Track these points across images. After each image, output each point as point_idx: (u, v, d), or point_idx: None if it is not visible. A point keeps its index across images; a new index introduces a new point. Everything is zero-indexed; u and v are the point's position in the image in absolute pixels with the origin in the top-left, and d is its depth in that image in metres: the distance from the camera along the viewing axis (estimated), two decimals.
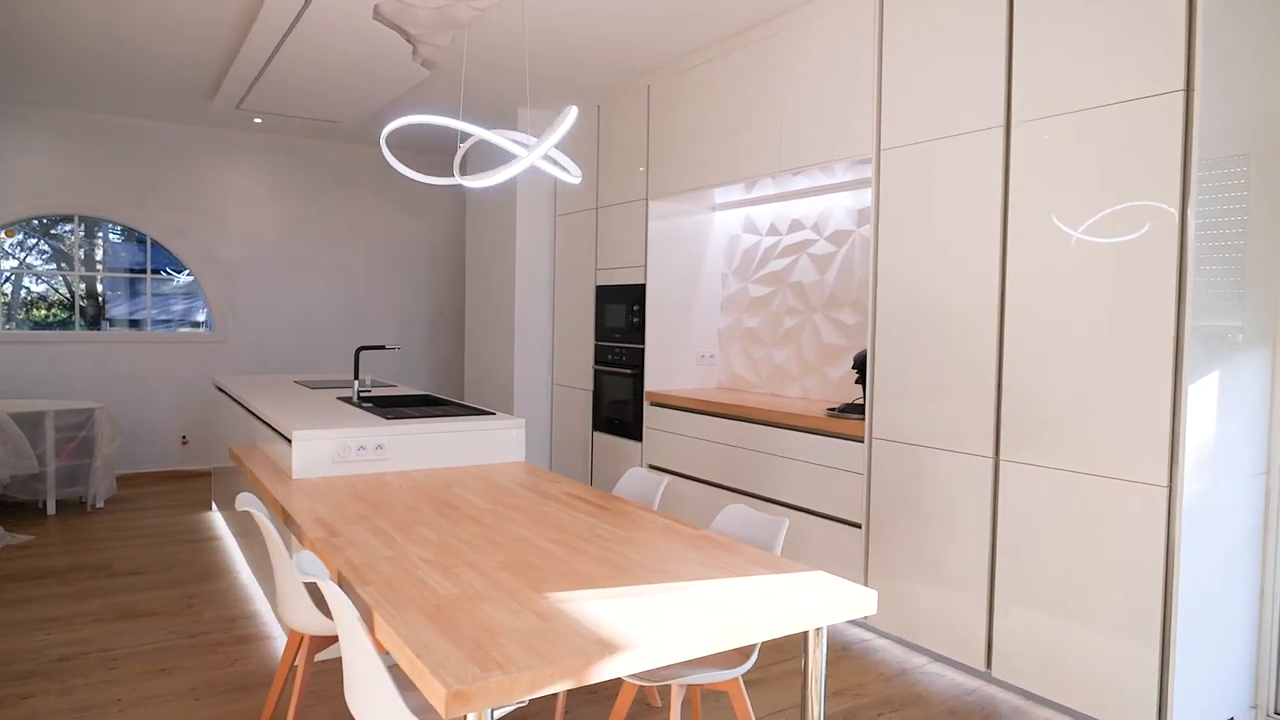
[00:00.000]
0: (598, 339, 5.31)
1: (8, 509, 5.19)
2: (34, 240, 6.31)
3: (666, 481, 2.79)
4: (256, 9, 3.88)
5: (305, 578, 1.71)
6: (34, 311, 6.36)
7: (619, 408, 5.10)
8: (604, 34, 4.19)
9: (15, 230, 6.14)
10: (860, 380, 3.52)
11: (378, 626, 1.59)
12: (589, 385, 5.41)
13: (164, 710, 2.69)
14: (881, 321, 3.37)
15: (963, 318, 3.04)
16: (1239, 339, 2.59)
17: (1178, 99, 2.40)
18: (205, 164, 6.54)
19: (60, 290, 6.48)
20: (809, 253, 4.37)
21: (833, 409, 3.71)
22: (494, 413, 3.49)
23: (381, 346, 4.12)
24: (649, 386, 4.83)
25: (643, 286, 4.85)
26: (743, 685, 2.07)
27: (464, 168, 3.13)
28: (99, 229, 6.46)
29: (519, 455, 3.37)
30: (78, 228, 6.35)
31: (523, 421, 3.38)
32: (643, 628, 1.56)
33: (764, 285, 4.68)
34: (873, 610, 1.79)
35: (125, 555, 4.40)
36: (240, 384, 4.75)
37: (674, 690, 2.01)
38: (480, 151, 5.88)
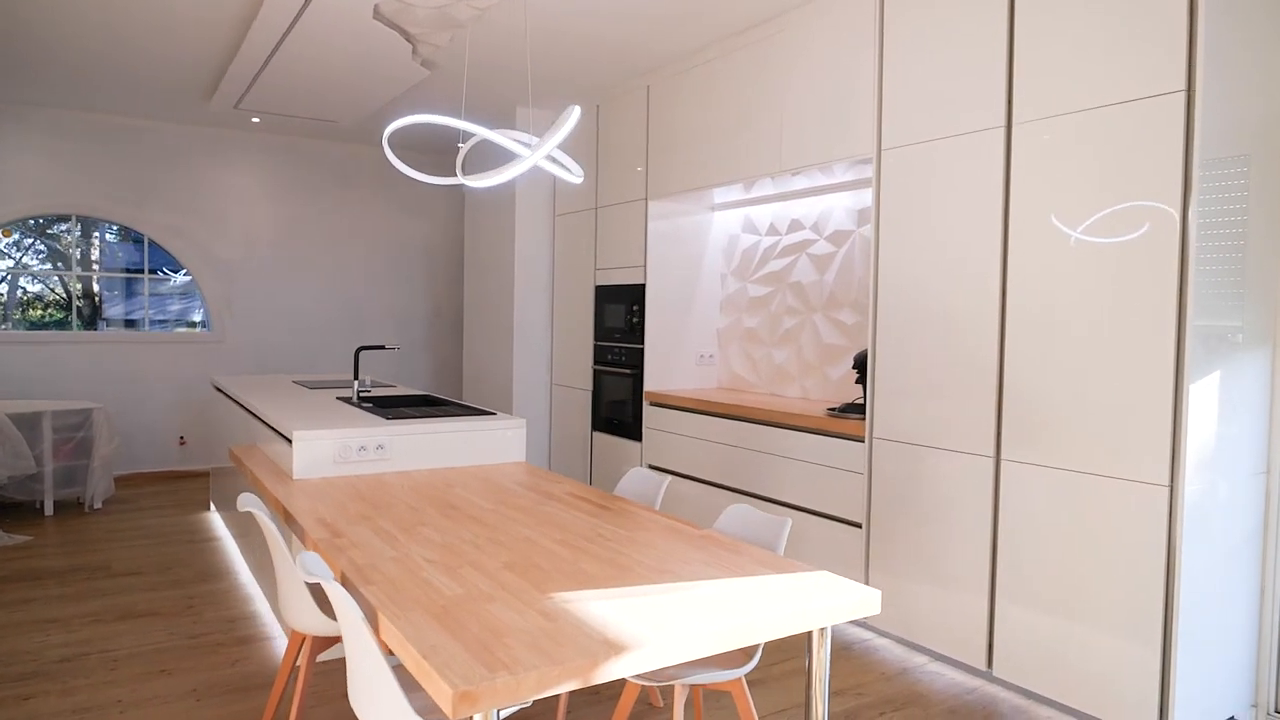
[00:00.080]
0: (597, 339, 5.31)
1: (5, 510, 5.18)
2: (30, 240, 6.29)
3: (668, 482, 2.78)
4: (256, 8, 3.87)
5: (309, 578, 1.71)
6: (30, 311, 6.34)
7: (618, 408, 5.09)
8: (604, 34, 4.19)
9: (12, 230, 6.12)
10: (861, 380, 3.52)
11: (383, 627, 1.59)
12: (588, 385, 5.41)
13: (165, 711, 2.69)
14: (882, 321, 3.37)
15: (963, 317, 3.04)
16: (1239, 339, 2.60)
17: (1179, 99, 2.41)
18: (204, 164, 6.53)
19: (56, 290, 6.46)
20: (808, 253, 4.37)
21: (833, 409, 3.72)
22: (494, 413, 3.49)
23: (381, 346, 4.11)
24: (648, 386, 4.83)
25: (642, 286, 4.85)
26: (745, 685, 2.07)
27: (463, 168, 3.12)
28: (95, 228, 6.44)
29: (519, 455, 3.37)
30: (74, 227, 6.33)
31: (523, 422, 3.38)
32: (648, 628, 1.56)
33: (763, 285, 4.68)
34: (877, 610, 1.79)
35: (124, 556, 4.39)
36: (239, 384, 4.74)
37: (677, 690, 2.01)
38: (479, 151, 5.86)
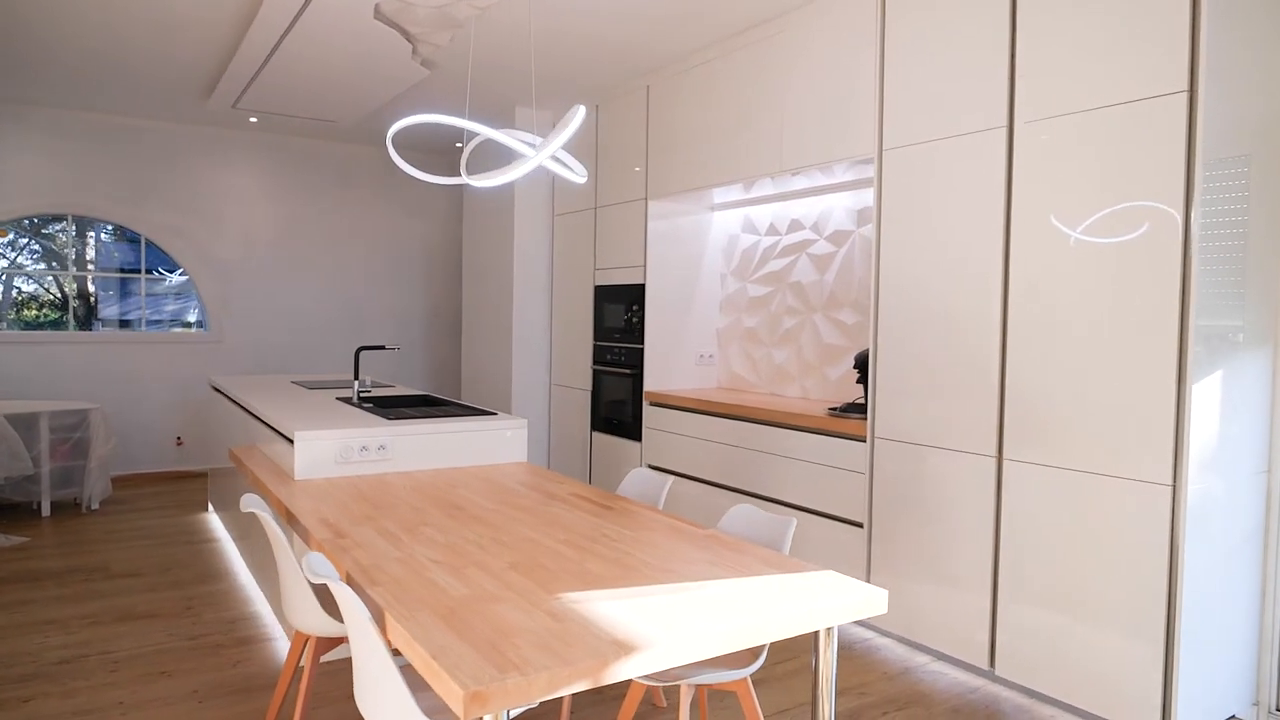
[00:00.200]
0: (596, 339, 5.31)
1: (2, 511, 5.16)
2: (25, 240, 6.26)
3: (671, 482, 2.78)
4: (256, 7, 3.86)
5: (316, 579, 1.70)
6: (24, 312, 6.32)
7: (618, 408, 5.09)
8: (604, 34, 4.19)
9: (7, 229, 6.10)
10: (862, 380, 3.52)
11: (390, 628, 1.58)
12: (587, 385, 5.41)
13: (167, 713, 2.68)
14: (884, 321, 3.38)
15: (965, 317, 3.05)
16: (1240, 338, 2.61)
17: (1181, 100, 2.42)
18: (202, 164, 6.51)
19: (51, 290, 6.43)
20: (808, 253, 4.38)
21: (834, 408, 3.72)
22: (496, 413, 3.48)
23: (381, 347, 4.10)
24: (648, 386, 4.83)
25: (642, 286, 4.85)
26: (751, 685, 2.07)
27: (465, 167, 3.12)
28: (90, 228, 6.41)
29: (521, 455, 3.36)
30: (69, 227, 6.31)
31: (525, 422, 3.38)
32: (656, 628, 1.55)
33: (763, 285, 4.68)
34: (883, 609, 1.79)
35: (122, 557, 4.37)
36: (237, 384, 4.72)
37: (684, 690, 2.01)
38: (479, 151, 5.84)
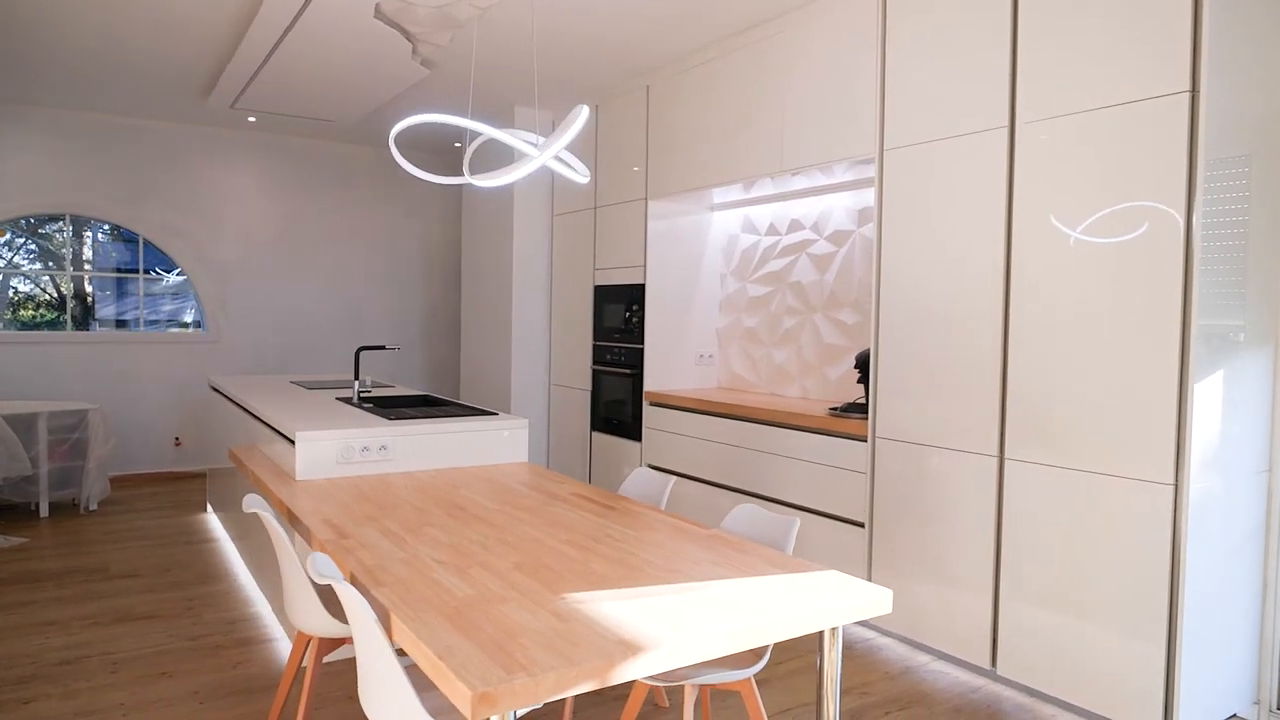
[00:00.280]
0: (596, 339, 5.31)
1: (0, 512, 5.14)
2: (22, 239, 6.25)
3: (673, 482, 2.78)
4: (256, 7, 3.86)
5: (321, 580, 1.70)
6: (21, 312, 6.30)
7: (617, 408, 5.09)
8: (604, 34, 4.18)
9: (4, 229, 6.08)
10: (863, 379, 3.53)
11: (396, 628, 1.58)
12: (587, 385, 5.41)
13: (167, 714, 2.67)
14: (884, 320, 3.38)
15: (966, 317, 3.05)
16: (1240, 338, 2.61)
17: (1183, 100, 2.42)
18: (201, 163, 6.49)
19: (48, 290, 6.41)
20: (808, 253, 4.38)
21: (835, 408, 3.72)
22: (496, 413, 3.48)
23: (381, 347, 4.10)
24: (648, 386, 4.82)
25: (641, 286, 4.85)
26: (754, 685, 2.07)
27: (465, 167, 3.11)
28: (87, 228, 6.40)
29: (522, 456, 3.36)
30: (66, 227, 6.29)
31: (525, 422, 3.38)
32: (662, 628, 1.55)
33: (763, 285, 4.68)
34: (888, 609, 1.80)
35: (121, 558, 4.36)
36: (237, 384, 4.71)
37: (687, 690, 2.01)
38: (479, 151, 5.85)
